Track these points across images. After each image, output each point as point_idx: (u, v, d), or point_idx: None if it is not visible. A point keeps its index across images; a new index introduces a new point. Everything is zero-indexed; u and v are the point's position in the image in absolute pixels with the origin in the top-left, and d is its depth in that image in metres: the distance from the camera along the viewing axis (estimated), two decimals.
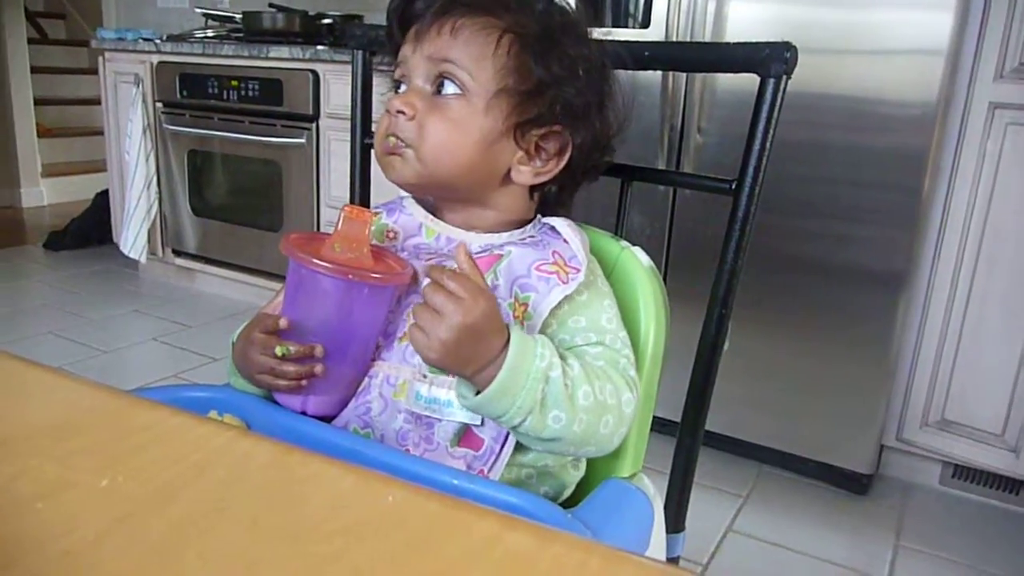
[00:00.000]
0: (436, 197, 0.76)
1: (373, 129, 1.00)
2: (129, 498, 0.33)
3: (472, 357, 0.61)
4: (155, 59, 2.89)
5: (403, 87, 0.72)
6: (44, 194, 4.68)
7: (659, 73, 1.76)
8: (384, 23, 0.77)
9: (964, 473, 1.81)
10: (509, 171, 0.72)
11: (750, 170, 0.75)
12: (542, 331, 0.69)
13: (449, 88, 0.69)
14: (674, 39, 1.74)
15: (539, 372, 0.61)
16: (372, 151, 0.98)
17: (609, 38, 0.76)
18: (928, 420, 1.77)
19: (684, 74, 1.75)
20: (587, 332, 0.69)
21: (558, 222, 0.73)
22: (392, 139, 0.70)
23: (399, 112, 0.69)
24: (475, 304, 0.60)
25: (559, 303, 0.68)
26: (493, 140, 0.70)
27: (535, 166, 0.73)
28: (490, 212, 0.75)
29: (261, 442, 0.37)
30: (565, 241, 0.71)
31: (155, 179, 2.98)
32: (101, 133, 3.25)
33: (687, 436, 0.83)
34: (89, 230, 3.61)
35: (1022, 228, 1.61)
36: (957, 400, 1.73)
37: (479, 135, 0.70)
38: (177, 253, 3.07)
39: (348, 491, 0.35)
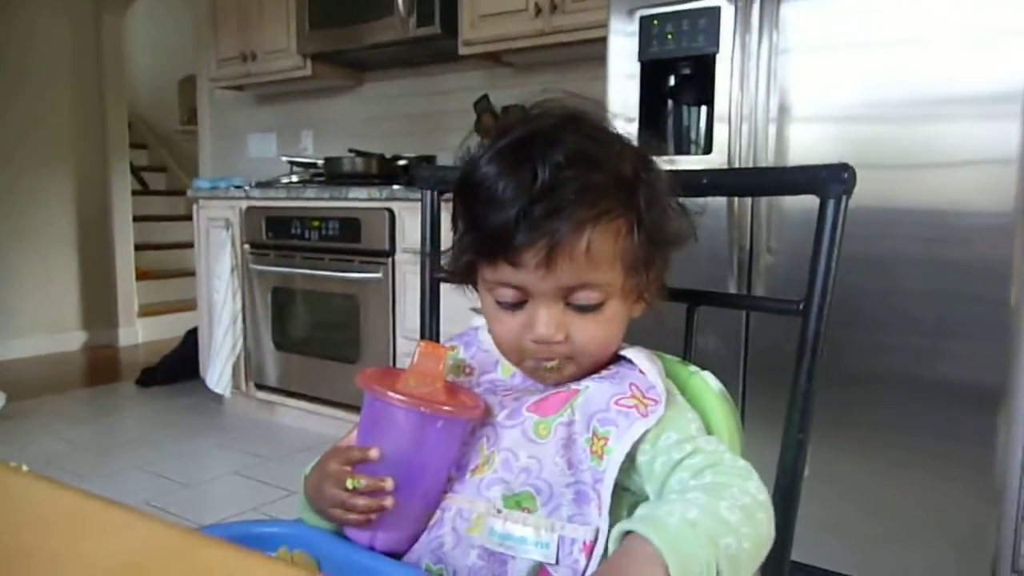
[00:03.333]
0: None
1: (442, 263, 1.04)
2: None
3: None
4: (244, 204, 3.09)
5: (523, 302, 0.70)
6: (139, 332, 4.94)
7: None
8: (454, 164, 0.80)
9: None
10: None
11: (817, 290, 0.74)
12: (635, 460, 0.67)
13: (586, 297, 0.69)
14: (736, 163, 1.77)
15: (684, 525, 0.57)
16: (441, 284, 1.02)
17: (672, 166, 0.77)
18: None
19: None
20: (682, 444, 0.66)
21: (633, 353, 0.73)
22: (552, 365, 0.71)
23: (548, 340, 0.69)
24: None
25: (643, 434, 0.67)
26: (628, 312, 0.73)
27: (645, 299, 0.74)
28: None
29: None
30: (641, 372, 0.71)
31: (240, 316, 3.12)
32: (193, 274, 3.45)
33: (772, 568, 0.78)
34: (179, 366, 3.77)
35: None
36: None
37: (624, 319, 0.72)
38: (259, 387, 3.17)
39: None
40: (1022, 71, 1.49)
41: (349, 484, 0.66)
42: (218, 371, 3.11)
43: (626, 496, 0.69)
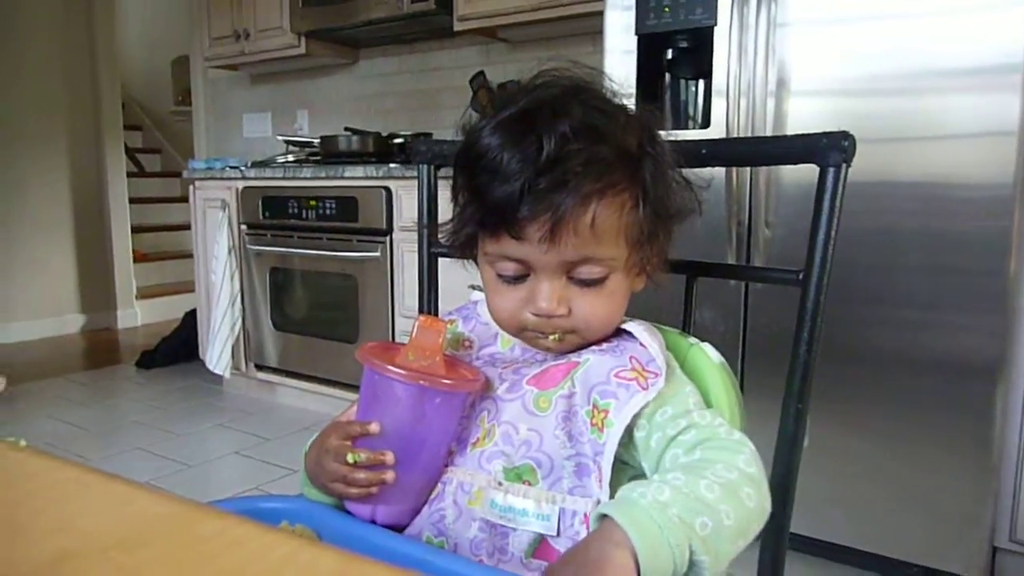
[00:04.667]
0: None
1: (440, 237, 1.03)
2: None
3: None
4: (240, 185, 3.08)
5: (525, 276, 0.70)
6: (138, 315, 4.94)
7: (722, 169, 1.77)
8: (450, 139, 0.79)
9: None
10: None
11: (816, 259, 0.73)
12: (631, 434, 0.67)
13: (589, 271, 0.68)
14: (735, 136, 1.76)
15: (654, 506, 0.56)
16: (439, 260, 1.01)
17: (670, 138, 0.76)
18: None
19: (748, 169, 1.76)
20: (677, 420, 0.66)
21: (634, 326, 0.73)
22: (553, 337, 0.70)
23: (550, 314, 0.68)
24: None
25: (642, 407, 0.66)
26: (631, 286, 0.72)
27: (647, 273, 0.74)
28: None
29: (325, 552, 0.37)
30: (642, 345, 0.71)
31: (239, 297, 3.12)
32: (191, 256, 3.45)
33: (771, 539, 0.79)
34: (178, 348, 3.77)
35: None
36: None
37: (626, 293, 0.72)
38: (259, 367, 3.17)
39: None
40: (1022, 42, 1.48)
41: (350, 458, 0.66)
42: (217, 352, 3.11)
43: (626, 470, 0.69)
